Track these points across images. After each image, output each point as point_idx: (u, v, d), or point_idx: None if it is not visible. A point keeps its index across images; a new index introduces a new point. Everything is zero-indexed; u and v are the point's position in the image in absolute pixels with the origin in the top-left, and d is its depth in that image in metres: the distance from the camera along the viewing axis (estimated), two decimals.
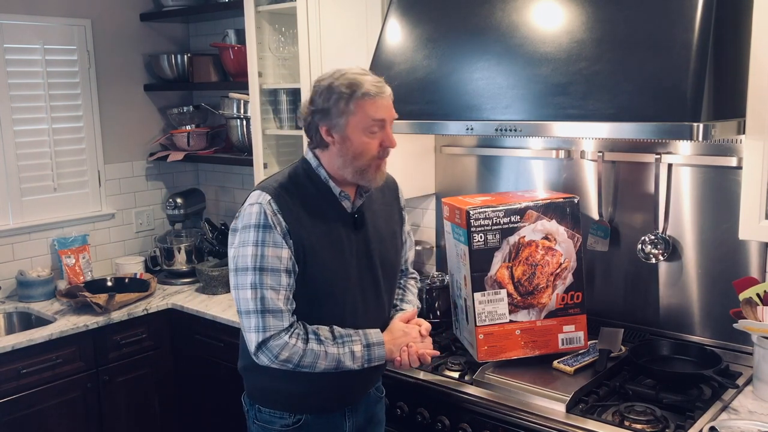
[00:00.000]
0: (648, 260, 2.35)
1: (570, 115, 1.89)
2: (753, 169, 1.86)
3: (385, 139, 1.77)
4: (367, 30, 2.60)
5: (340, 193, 1.83)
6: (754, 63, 1.81)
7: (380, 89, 1.75)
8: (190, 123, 3.66)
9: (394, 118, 1.80)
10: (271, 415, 1.90)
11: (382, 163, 1.81)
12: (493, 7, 2.14)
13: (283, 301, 1.73)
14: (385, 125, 1.76)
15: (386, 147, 1.78)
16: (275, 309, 1.72)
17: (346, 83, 1.73)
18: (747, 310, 2.01)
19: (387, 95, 1.76)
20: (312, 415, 1.89)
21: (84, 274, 3.32)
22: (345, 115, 1.73)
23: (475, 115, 2.08)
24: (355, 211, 1.86)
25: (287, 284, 1.74)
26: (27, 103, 3.23)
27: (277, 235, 1.72)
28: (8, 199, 3.20)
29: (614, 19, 1.91)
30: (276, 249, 1.72)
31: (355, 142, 1.75)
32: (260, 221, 1.72)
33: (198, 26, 3.77)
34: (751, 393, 2.01)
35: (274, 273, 1.72)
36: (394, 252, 1.98)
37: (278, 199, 1.75)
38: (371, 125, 1.73)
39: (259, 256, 1.71)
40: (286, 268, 1.74)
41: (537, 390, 1.99)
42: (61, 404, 2.82)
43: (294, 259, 1.75)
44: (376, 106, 1.73)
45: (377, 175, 1.80)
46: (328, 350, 1.75)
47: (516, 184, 2.67)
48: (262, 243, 1.72)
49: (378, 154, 1.77)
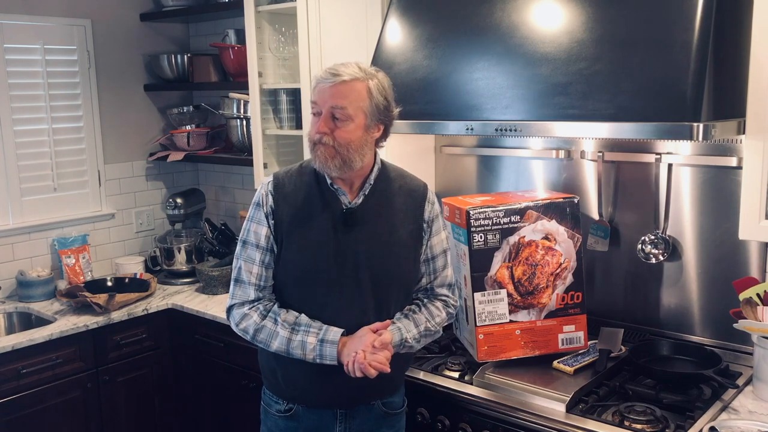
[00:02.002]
0: (648, 260, 2.35)
1: (570, 115, 1.89)
2: (753, 169, 1.86)
3: (317, 126, 1.79)
4: (367, 30, 2.60)
5: (331, 184, 1.87)
6: (754, 63, 1.81)
7: (325, 74, 1.78)
8: (190, 123, 3.66)
9: (332, 106, 1.76)
10: (270, 397, 1.96)
11: (322, 149, 1.79)
12: (493, 7, 2.14)
13: (255, 275, 1.87)
14: (321, 110, 1.78)
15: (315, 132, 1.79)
16: (244, 280, 1.88)
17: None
18: (747, 310, 2.01)
19: (328, 82, 1.76)
20: (302, 407, 1.91)
21: (84, 274, 3.32)
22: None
23: (475, 115, 2.08)
24: (348, 209, 1.86)
25: (260, 260, 1.86)
26: (27, 103, 3.23)
27: (262, 213, 1.87)
28: (8, 199, 3.20)
29: (614, 19, 1.91)
30: (258, 226, 1.87)
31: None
32: (257, 200, 1.90)
33: (198, 26, 3.77)
34: (751, 393, 2.01)
35: (251, 247, 1.87)
36: (395, 261, 1.89)
37: (276, 182, 1.90)
38: (311, 107, 1.82)
39: (246, 230, 1.90)
40: (263, 245, 1.86)
41: (537, 390, 1.99)
42: (61, 404, 2.82)
43: (273, 239, 1.86)
44: (314, 89, 1.82)
45: (317, 161, 1.82)
46: (279, 332, 1.82)
47: (516, 184, 2.67)
48: (251, 219, 1.89)
49: (313, 139, 1.81)
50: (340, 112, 1.77)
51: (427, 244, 1.96)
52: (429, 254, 1.97)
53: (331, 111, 1.77)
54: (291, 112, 3.11)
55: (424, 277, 1.98)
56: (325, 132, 1.78)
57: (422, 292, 2.00)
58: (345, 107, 1.77)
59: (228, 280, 3.19)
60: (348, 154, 1.79)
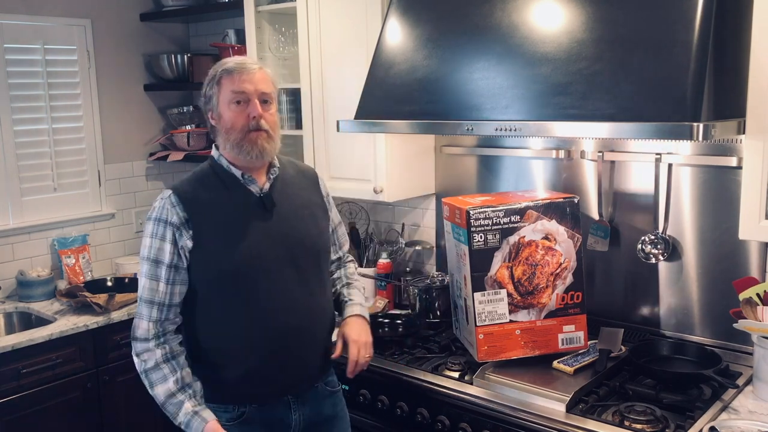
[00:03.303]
0: (648, 260, 2.35)
1: (570, 115, 1.89)
2: (753, 169, 1.86)
3: (251, 110, 1.84)
4: (367, 30, 2.60)
5: (242, 175, 1.90)
6: (754, 63, 1.81)
7: (240, 65, 1.86)
8: (190, 123, 3.66)
9: (262, 92, 1.86)
10: (216, 408, 1.90)
11: (257, 136, 1.85)
12: (493, 7, 2.14)
13: (160, 293, 1.84)
14: (250, 98, 1.84)
15: (254, 117, 1.83)
16: (149, 299, 1.85)
17: (216, 66, 1.92)
18: (747, 310, 2.01)
19: (249, 71, 1.85)
20: (255, 407, 1.91)
21: (84, 274, 3.32)
22: (215, 95, 1.89)
23: (475, 115, 2.08)
24: (263, 194, 1.91)
25: (165, 277, 1.83)
26: (27, 103, 3.23)
27: (167, 228, 1.83)
28: (8, 199, 3.20)
29: (614, 19, 1.91)
30: (162, 242, 1.83)
31: (225, 116, 1.87)
32: (158, 215, 1.85)
33: (198, 26, 3.77)
34: (751, 393, 2.01)
35: (155, 264, 1.84)
36: (317, 233, 2.00)
37: (178, 192, 1.87)
38: (233, 98, 1.85)
39: (148, 248, 1.85)
40: (167, 261, 1.83)
41: (537, 390, 1.99)
42: (61, 404, 2.82)
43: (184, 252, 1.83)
44: (233, 80, 1.85)
45: (255, 150, 1.85)
46: (170, 382, 1.84)
47: (516, 184, 2.67)
48: (152, 235, 1.84)
49: (248, 126, 1.84)
50: (268, 97, 1.88)
51: (330, 216, 2.12)
52: (332, 225, 2.14)
53: (261, 97, 1.86)
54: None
55: (331, 248, 2.13)
56: (262, 116, 1.85)
57: (335, 264, 2.18)
58: (270, 92, 1.89)
59: None
60: (276, 137, 1.90)
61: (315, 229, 2.00)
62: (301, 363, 1.93)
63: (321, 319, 1.99)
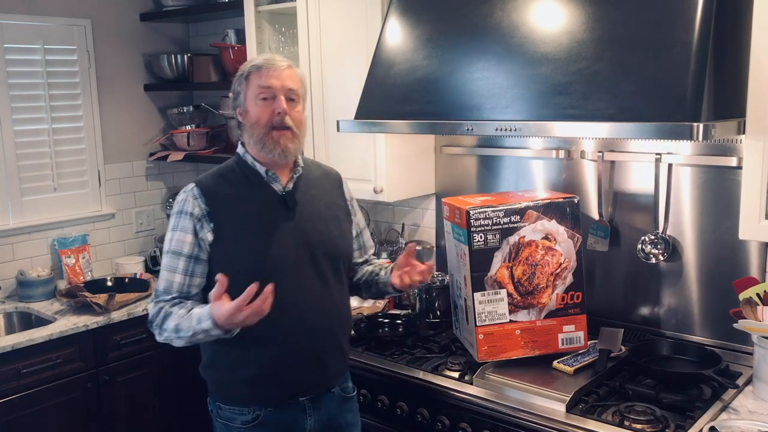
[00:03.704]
0: (648, 260, 2.35)
1: (570, 115, 1.89)
2: (753, 169, 1.86)
3: (276, 106, 1.84)
4: (367, 30, 2.60)
5: (266, 172, 1.90)
6: (754, 63, 1.81)
7: (269, 62, 1.87)
8: (190, 123, 3.66)
9: (289, 89, 1.86)
10: (231, 411, 1.91)
11: (281, 135, 1.85)
12: (493, 7, 2.14)
13: (177, 284, 1.86)
14: (276, 94, 1.85)
15: (279, 113, 1.83)
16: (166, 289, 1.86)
17: (246, 63, 1.93)
18: (747, 310, 2.01)
19: (278, 68, 1.86)
20: (270, 410, 1.90)
21: (84, 274, 3.32)
22: (243, 91, 1.89)
23: (475, 115, 2.08)
24: (285, 192, 1.91)
25: (183, 268, 1.86)
26: (27, 103, 3.23)
27: (188, 221, 1.85)
28: (8, 199, 3.20)
29: (614, 19, 1.91)
30: (183, 234, 1.86)
31: (251, 112, 1.88)
32: (180, 208, 1.88)
33: (198, 26, 3.77)
34: (751, 393, 2.01)
35: (174, 256, 1.86)
36: (338, 233, 2.00)
37: (201, 186, 1.89)
38: (259, 93, 1.85)
39: (169, 241, 1.89)
40: (187, 253, 1.85)
41: (537, 390, 1.99)
42: (61, 404, 2.82)
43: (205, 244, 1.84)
44: (261, 75, 1.85)
45: (277, 148, 1.86)
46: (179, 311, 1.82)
47: (516, 184, 2.67)
48: (174, 228, 1.88)
49: (272, 123, 1.84)
50: (294, 95, 1.88)
51: (353, 220, 2.11)
52: (357, 230, 2.13)
53: (287, 94, 1.86)
54: None
55: (356, 252, 2.13)
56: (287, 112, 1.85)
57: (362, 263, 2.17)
58: (297, 90, 1.89)
59: None
60: (302, 136, 1.91)
61: (337, 231, 2.00)
62: (318, 365, 1.91)
63: (339, 321, 1.98)
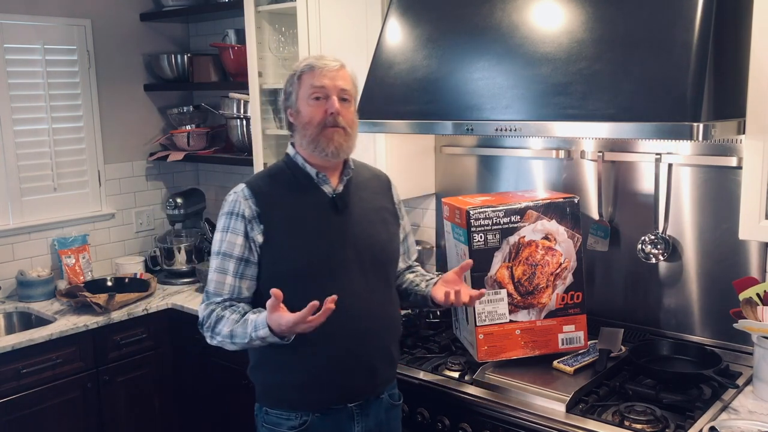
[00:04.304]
0: (648, 260, 2.35)
1: (570, 115, 1.89)
2: (753, 169, 1.86)
3: (329, 106, 1.83)
4: (367, 30, 2.60)
5: (317, 174, 1.89)
6: (754, 63, 1.81)
7: (322, 62, 1.85)
8: (190, 123, 3.66)
9: (342, 89, 1.84)
10: (278, 416, 1.89)
11: (333, 132, 1.83)
12: (493, 7, 2.14)
13: (228, 286, 1.85)
14: (329, 94, 1.83)
15: (331, 113, 1.82)
16: (217, 292, 1.86)
17: (298, 63, 1.91)
18: (747, 310, 2.01)
19: (331, 67, 1.85)
20: (318, 416, 1.87)
21: (84, 274, 3.33)
22: (295, 91, 1.88)
23: (475, 115, 2.08)
24: (335, 194, 1.90)
25: (234, 270, 1.85)
26: (27, 103, 3.23)
27: (239, 222, 1.84)
28: (8, 199, 3.20)
29: (614, 19, 1.91)
30: (233, 235, 1.85)
31: (303, 112, 1.86)
32: (230, 209, 1.87)
33: (198, 26, 3.77)
34: (751, 393, 2.01)
35: (225, 258, 1.85)
36: (386, 237, 1.98)
37: (251, 186, 1.88)
38: (312, 93, 1.83)
39: (219, 241, 1.87)
40: (237, 255, 1.84)
41: (537, 390, 1.99)
42: (61, 404, 2.82)
43: (255, 246, 1.84)
44: (315, 75, 1.84)
45: (330, 146, 1.84)
46: (233, 317, 1.81)
47: (516, 184, 2.67)
48: (224, 229, 1.86)
49: (325, 122, 1.83)
50: (347, 95, 1.86)
51: (401, 224, 2.09)
52: (403, 233, 2.11)
53: (340, 94, 1.85)
54: None
55: (401, 257, 2.09)
56: (339, 112, 1.83)
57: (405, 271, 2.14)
58: (349, 90, 1.87)
59: None
60: (354, 137, 1.88)
61: (385, 235, 1.97)
62: (367, 370, 1.88)
63: (388, 325, 1.95)
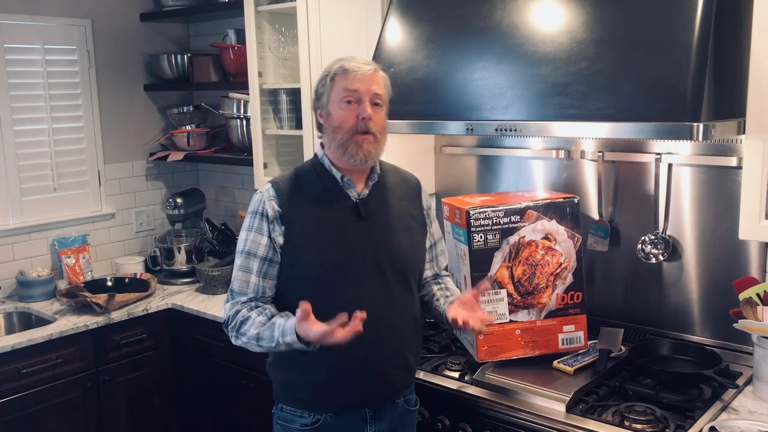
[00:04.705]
0: (648, 260, 2.35)
1: (570, 115, 1.89)
2: (753, 169, 1.86)
3: (361, 111, 1.80)
4: (367, 30, 2.60)
5: (342, 177, 1.86)
6: (754, 63, 1.81)
7: (355, 64, 1.82)
8: (190, 123, 3.66)
9: (375, 93, 1.81)
10: (292, 413, 1.89)
11: (363, 139, 1.80)
12: (493, 7, 2.14)
13: (252, 285, 1.85)
14: (362, 98, 1.80)
15: (363, 118, 1.79)
16: (241, 291, 1.86)
17: (331, 64, 1.86)
18: (747, 310, 2.01)
19: (365, 70, 1.81)
20: (331, 416, 1.87)
21: (84, 274, 3.33)
22: (327, 92, 1.84)
23: (475, 115, 2.08)
24: (360, 199, 1.87)
25: (258, 270, 1.84)
26: (27, 103, 3.23)
27: (264, 221, 1.83)
28: (8, 199, 3.20)
29: (614, 19, 1.91)
30: (257, 235, 1.84)
31: (334, 115, 1.82)
32: (255, 208, 1.86)
33: (198, 26, 3.77)
34: (751, 393, 2.01)
35: (249, 257, 1.85)
36: (409, 246, 1.93)
37: (276, 186, 1.86)
38: (345, 96, 1.80)
39: (244, 240, 1.86)
40: (261, 255, 1.84)
41: (537, 390, 1.99)
42: (61, 404, 2.82)
43: (277, 246, 1.83)
44: (348, 78, 1.80)
45: (360, 152, 1.81)
46: (259, 319, 1.80)
47: (516, 184, 2.67)
48: (249, 228, 1.86)
49: (356, 127, 1.80)
50: (379, 99, 1.83)
51: (429, 231, 2.03)
52: (432, 240, 2.05)
53: (372, 99, 1.81)
54: (291, 112, 3.11)
55: (427, 263, 2.04)
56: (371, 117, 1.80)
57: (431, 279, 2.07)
58: (382, 94, 1.84)
59: (228, 280, 3.20)
60: (383, 142, 1.85)
61: (408, 243, 1.93)
62: (381, 377, 1.87)
63: (406, 334, 1.92)
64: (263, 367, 2.00)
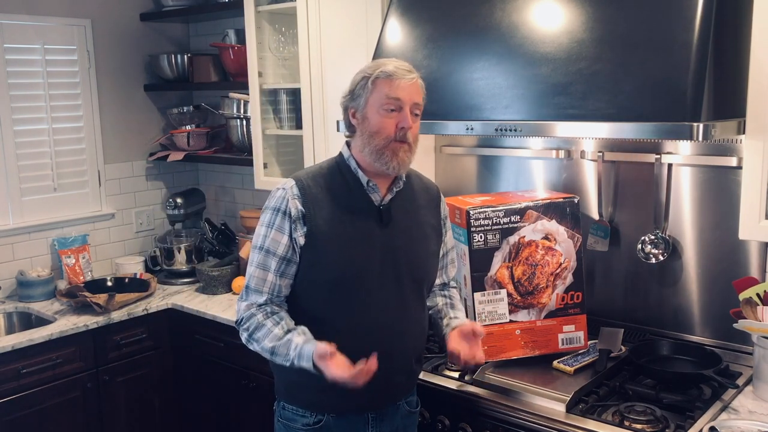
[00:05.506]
0: (648, 260, 2.35)
1: (570, 115, 1.89)
2: (753, 169, 1.86)
3: (401, 120, 1.76)
4: (367, 30, 2.60)
5: (368, 182, 1.83)
6: (754, 63, 1.81)
7: (400, 71, 1.76)
8: (190, 123, 3.66)
9: (415, 103, 1.77)
10: (294, 413, 1.89)
11: (400, 147, 1.77)
12: (493, 7, 2.14)
13: (268, 283, 1.81)
14: (403, 106, 1.75)
15: (402, 127, 1.76)
16: (257, 289, 1.82)
17: (371, 66, 1.80)
18: (747, 310, 2.01)
19: (408, 78, 1.76)
20: (333, 416, 1.87)
21: (84, 274, 3.33)
22: (365, 95, 1.78)
23: (475, 115, 2.08)
24: (382, 205, 1.85)
25: (275, 269, 1.80)
26: (27, 103, 3.23)
27: (286, 221, 1.79)
28: (8, 199, 3.20)
29: (614, 19, 1.91)
30: (278, 233, 1.80)
31: (372, 120, 1.77)
32: (277, 205, 1.81)
33: (198, 26, 3.77)
34: (751, 393, 2.01)
35: (267, 254, 1.81)
36: (425, 255, 1.92)
37: (301, 185, 1.82)
38: (386, 103, 1.75)
39: (262, 237, 1.82)
40: (281, 254, 1.80)
41: (537, 390, 1.99)
42: (61, 404, 2.82)
43: (297, 246, 1.79)
44: (392, 85, 1.75)
45: (394, 160, 1.77)
46: (275, 331, 1.77)
47: (516, 184, 2.67)
48: (269, 225, 1.81)
49: (394, 136, 1.76)
50: (418, 109, 1.80)
51: (443, 240, 2.01)
52: (444, 249, 2.03)
53: (413, 109, 1.79)
54: (291, 112, 3.11)
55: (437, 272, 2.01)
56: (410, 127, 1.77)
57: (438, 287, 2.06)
58: (421, 104, 1.81)
59: (228, 280, 3.22)
60: (415, 151, 1.83)
61: (424, 252, 1.92)
62: (388, 383, 1.85)
63: (413, 341, 1.92)
64: (263, 367, 2.00)
